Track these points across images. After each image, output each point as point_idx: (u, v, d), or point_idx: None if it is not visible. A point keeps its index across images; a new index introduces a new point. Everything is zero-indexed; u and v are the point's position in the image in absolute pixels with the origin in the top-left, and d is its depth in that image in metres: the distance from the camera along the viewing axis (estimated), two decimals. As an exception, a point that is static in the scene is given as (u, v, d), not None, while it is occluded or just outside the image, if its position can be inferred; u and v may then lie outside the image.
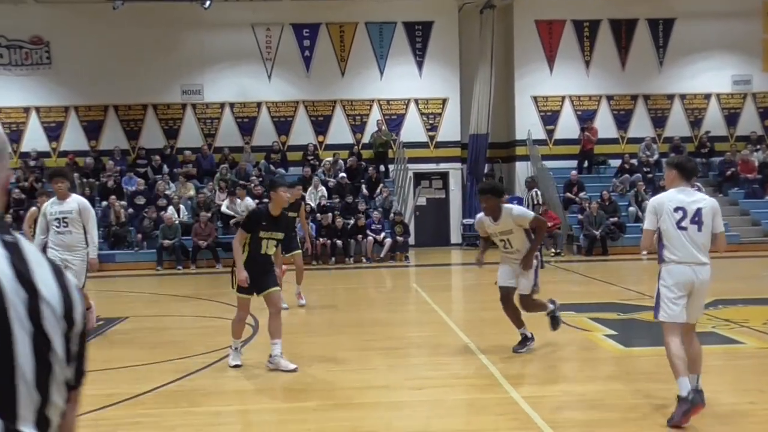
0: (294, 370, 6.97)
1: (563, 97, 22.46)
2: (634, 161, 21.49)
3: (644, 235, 5.57)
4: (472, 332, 8.72)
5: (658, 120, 22.67)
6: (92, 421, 5.66)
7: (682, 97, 22.66)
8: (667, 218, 5.22)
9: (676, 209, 5.20)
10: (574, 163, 21.76)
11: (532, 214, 7.84)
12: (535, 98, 22.39)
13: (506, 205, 7.65)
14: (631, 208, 19.73)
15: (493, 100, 22.15)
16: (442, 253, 19.39)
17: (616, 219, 18.91)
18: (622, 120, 22.60)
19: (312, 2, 21.54)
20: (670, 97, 22.66)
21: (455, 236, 22.08)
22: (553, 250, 18.58)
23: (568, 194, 20.38)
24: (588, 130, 21.89)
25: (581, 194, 20.12)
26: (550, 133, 22.41)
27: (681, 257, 5.18)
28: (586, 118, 22.29)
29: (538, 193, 17.25)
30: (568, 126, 22.38)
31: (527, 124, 22.22)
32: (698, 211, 5.19)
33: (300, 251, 11.60)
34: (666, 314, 5.22)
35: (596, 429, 5.21)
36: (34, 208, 12.61)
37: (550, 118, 22.45)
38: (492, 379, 6.58)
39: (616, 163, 21.86)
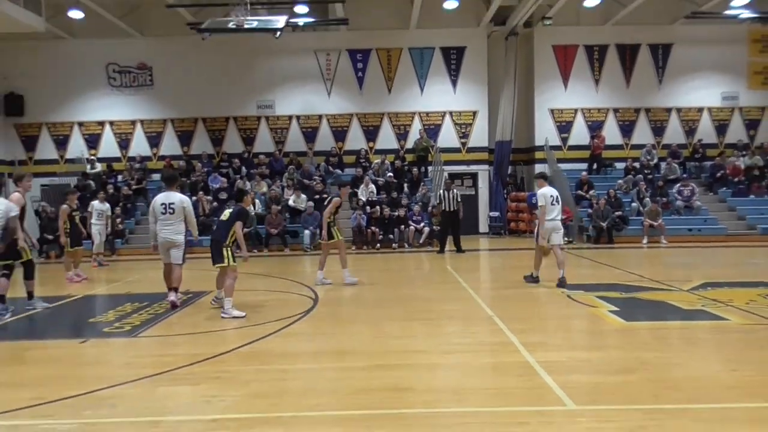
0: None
1: (576, 110, 22.11)
2: (637, 164, 21.10)
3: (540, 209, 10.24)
4: (496, 307, 8.65)
5: (658, 129, 22.19)
6: (182, 375, 5.79)
7: (679, 110, 22.17)
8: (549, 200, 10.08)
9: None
10: (584, 165, 21.45)
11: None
12: (551, 110, 22.08)
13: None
14: (633, 204, 19.38)
15: (516, 111, 21.99)
16: (471, 240, 19.25)
17: (620, 213, 18.55)
18: (627, 129, 22.17)
19: (365, 32, 21.54)
20: (668, 110, 22.17)
21: (483, 226, 21.97)
22: (565, 239, 18.32)
23: (579, 192, 20.07)
24: (597, 138, 21.60)
25: (591, 192, 19.81)
26: (564, 140, 22.09)
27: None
28: (595, 128, 21.96)
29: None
30: (579, 134, 22.05)
31: (545, 132, 21.95)
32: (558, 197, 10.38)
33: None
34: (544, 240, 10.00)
35: (600, 389, 5.13)
36: (65, 206, 12.91)
37: (564, 128, 22.12)
38: (512, 346, 6.52)
39: (620, 165, 21.50)
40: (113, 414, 4.80)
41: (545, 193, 10.39)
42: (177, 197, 9.24)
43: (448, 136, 22.05)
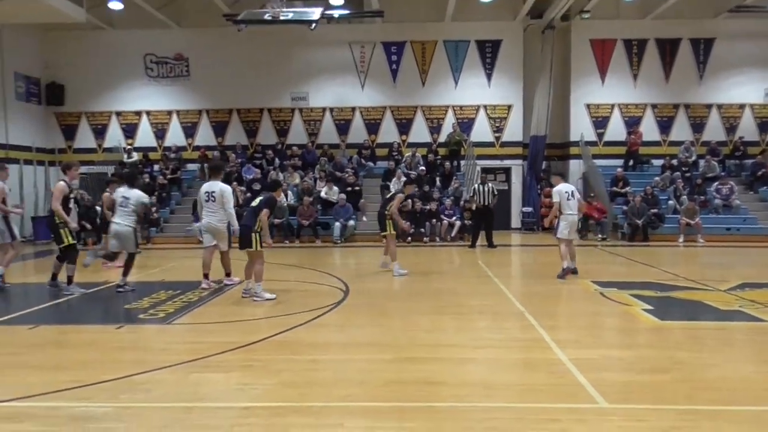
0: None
1: (613, 105, 21.77)
2: (675, 161, 20.73)
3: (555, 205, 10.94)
4: (527, 302, 8.60)
5: (697, 126, 21.72)
6: (215, 363, 5.89)
7: (719, 106, 21.65)
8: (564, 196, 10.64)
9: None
10: (620, 161, 21.12)
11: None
12: (588, 106, 21.78)
13: None
14: (670, 202, 19.05)
15: (551, 106, 21.72)
16: (503, 236, 19.13)
17: (656, 210, 18.24)
18: (665, 125, 21.76)
19: (400, 24, 21.50)
20: (709, 106, 21.68)
21: (515, 221, 21.82)
22: (600, 236, 18.13)
23: (615, 188, 19.78)
24: (634, 134, 21.25)
25: (626, 188, 19.52)
26: (600, 135, 21.78)
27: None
28: (632, 124, 21.60)
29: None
30: (616, 130, 21.72)
31: (580, 127, 21.66)
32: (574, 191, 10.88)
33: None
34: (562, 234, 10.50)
35: (632, 388, 5.09)
36: (106, 194, 13.27)
37: (600, 123, 21.81)
38: (543, 342, 6.49)
39: (657, 162, 21.13)
40: (148, 399, 4.90)
41: (560, 190, 10.99)
42: (218, 186, 9.96)
43: (481, 130, 21.91)
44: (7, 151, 20.03)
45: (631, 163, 21.26)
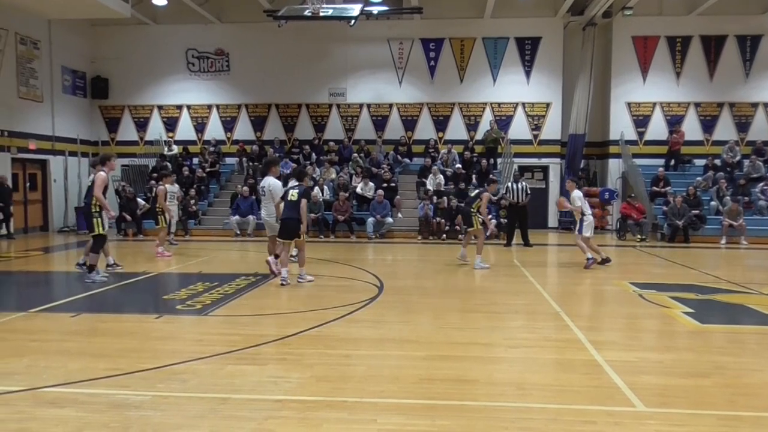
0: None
1: (654, 104, 21.33)
2: (718, 161, 20.22)
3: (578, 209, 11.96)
4: (563, 302, 8.48)
5: (742, 125, 21.15)
6: (250, 355, 5.94)
7: (766, 105, 21.04)
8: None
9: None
10: (661, 161, 20.70)
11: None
12: (628, 104, 21.37)
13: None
14: (712, 203, 18.60)
15: (591, 104, 21.41)
16: (540, 235, 18.92)
17: (698, 211, 17.81)
18: (708, 124, 21.23)
19: (438, 20, 21.39)
20: (755, 104, 21.08)
21: (552, 221, 21.55)
22: (638, 237, 17.79)
23: (655, 188, 19.39)
24: (676, 133, 20.80)
25: (667, 188, 19.11)
26: (641, 134, 21.37)
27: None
28: (674, 122, 21.14)
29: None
30: (657, 129, 21.28)
31: (621, 126, 21.29)
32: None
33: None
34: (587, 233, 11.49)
35: (671, 392, 4.97)
36: (161, 187, 14.00)
37: (641, 122, 21.39)
38: (579, 343, 6.38)
39: (700, 162, 20.65)
40: (184, 389, 4.97)
41: (580, 195, 12.28)
42: (267, 181, 10.70)
43: (519, 128, 21.69)
44: (54, 142, 20.54)
45: (672, 162, 20.82)
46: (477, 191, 12.86)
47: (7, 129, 18.46)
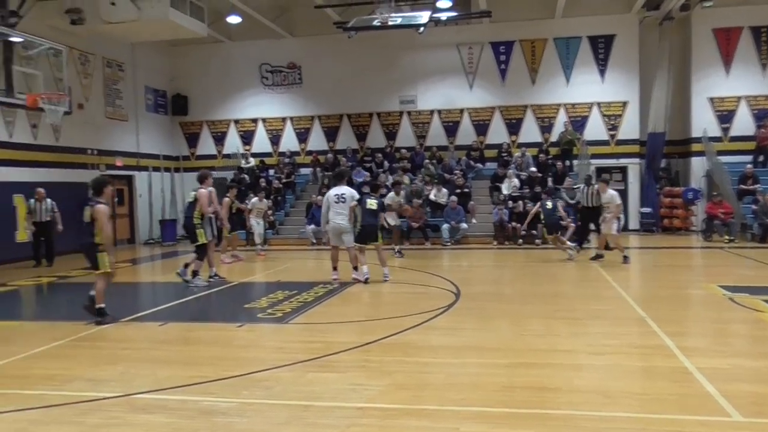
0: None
1: (739, 98, 20.31)
2: (812, 156, 19.09)
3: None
4: (648, 307, 8.16)
5: (837, 116, 19.89)
6: (330, 362, 6.01)
7: None
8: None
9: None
10: (749, 157, 19.68)
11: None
12: (711, 99, 20.44)
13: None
14: (807, 200, 17.54)
15: (671, 101, 20.63)
16: (620, 238, 18.33)
17: (791, 210, 16.85)
18: (800, 117, 20.07)
19: (508, 23, 21.15)
20: None
21: (633, 223, 20.82)
22: (726, 237, 16.96)
23: (743, 186, 18.47)
24: (764, 127, 19.71)
25: (756, 186, 18.16)
26: (725, 130, 20.39)
27: None
28: (762, 116, 20.02)
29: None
30: (743, 124, 20.23)
31: (703, 122, 20.38)
32: None
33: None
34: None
35: (767, 401, 4.71)
36: (227, 199, 14.52)
37: (725, 117, 20.42)
38: (667, 350, 6.13)
39: (792, 157, 19.54)
40: (268, 395, 5.07)
41: (616, 193, 13.07)
42: (347, 189, 11.04)
43: (595, 128, 21.13)
44: (139, 159, 21.49)
45: (761, 158, 19.76)
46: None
47: (96, 147, 19.43)
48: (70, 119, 15.68)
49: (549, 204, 14.10)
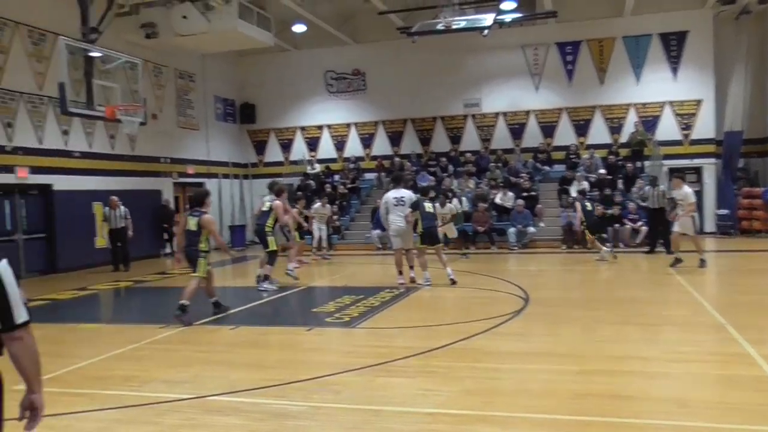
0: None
1: (823, 93, 19.32)
2: None
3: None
4: (728, 313, 7.83)
5: None
6: (399, 367, 6.03)
7: None
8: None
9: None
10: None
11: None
12: (792, 95, 19.52)
13: None
14: None
15: (749, 99, 19.78)
16: (699, 239, 17.66)
17: None
18: None
19: (574, 23, 20.75)
20: None
21: (709, 225, 20.01)
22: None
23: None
24: None
25: None
26: (809, 127, 19.42)
27: None
28: None
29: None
30: (828, 120, 19.24)
31: (785, 120, 19.47)
32: None
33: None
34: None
35: None
36: (295, 210, 14.56)
37: (808, 114, 19.44)
38: (748, 358, 5.87)
39: None
40: (338, 400, 5.13)
41: (691, 191, 12.41)
42: (406, 192, 11.27)
43: (667, 128, 20.44)
44: (209, 167, 22.13)
45: None
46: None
47: (169, 156, 20.15)
48: (144, 129, 16.31)
49: (588, 205, 14.30)
